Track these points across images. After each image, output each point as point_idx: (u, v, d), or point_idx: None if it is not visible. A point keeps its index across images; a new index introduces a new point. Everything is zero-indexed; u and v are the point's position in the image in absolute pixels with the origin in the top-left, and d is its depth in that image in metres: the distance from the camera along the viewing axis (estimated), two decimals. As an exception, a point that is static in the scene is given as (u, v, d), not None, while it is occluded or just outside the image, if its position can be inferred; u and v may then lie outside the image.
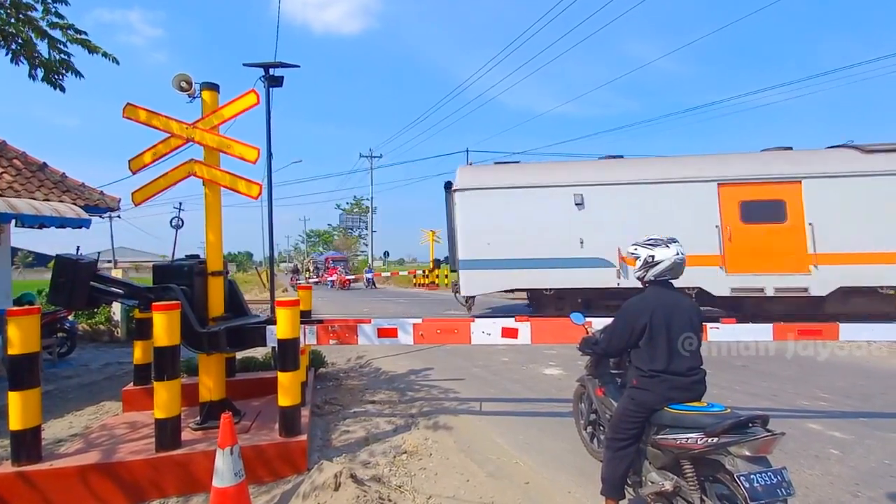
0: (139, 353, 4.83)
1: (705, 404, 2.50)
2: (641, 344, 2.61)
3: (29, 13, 5.29)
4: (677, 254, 2.65)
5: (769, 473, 2.06)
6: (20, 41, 5.41)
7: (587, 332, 3.44)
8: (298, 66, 5.99)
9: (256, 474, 3.39)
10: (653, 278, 2.71)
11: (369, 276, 27.36)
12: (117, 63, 5.91)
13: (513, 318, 4.11)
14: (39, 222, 6.10)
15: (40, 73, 5.56)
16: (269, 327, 3.95)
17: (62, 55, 5.49)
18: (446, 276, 26.82)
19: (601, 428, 3.46)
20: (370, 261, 33.96)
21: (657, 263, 2.67)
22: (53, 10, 5.53)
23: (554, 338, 4.18)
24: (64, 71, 5.53)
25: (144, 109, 3.83)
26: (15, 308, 3.27)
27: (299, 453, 3.54)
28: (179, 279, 3.89)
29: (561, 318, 4.04)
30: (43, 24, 5.39)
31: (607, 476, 2.68)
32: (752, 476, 2.04)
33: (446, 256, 13.34)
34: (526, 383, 6.03)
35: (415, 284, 27.68)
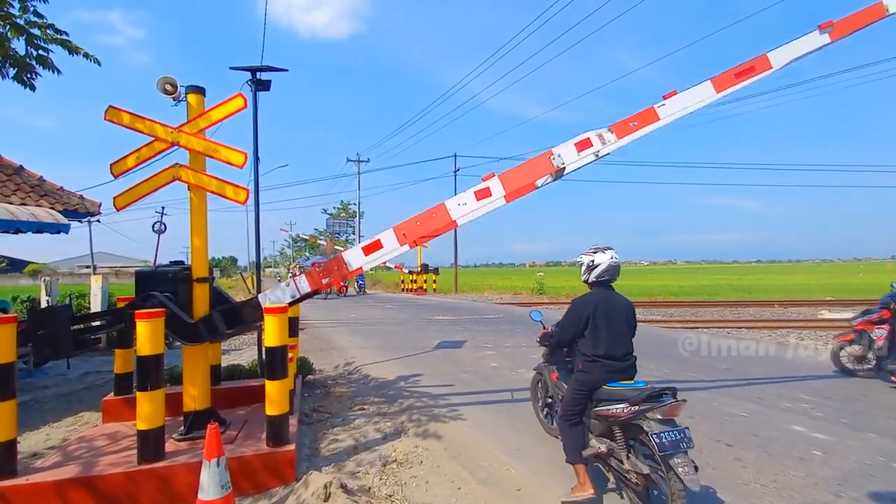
0: (120, 361, 4.69)
1: (632, 382, 3.09)
2: (587, 333, 3.17)
3: (6, 9, 5.15)
4: (612, 258, 3.24)
5: (675, 431, 2.65)
6: None
7: (544, 328, 4.06)
8: (286, 70, 5.94)
9: (242, 486, 3.30)
10: (595, 279, 3.28)
11: (361, 282, 26.53)
12: (98, 64, 5.77)
13: (479, 180, 4.02)
14: (16, 227, 5.90)
15: (11, 71, 5.40)
16: (261, 296, 3.92)
17: (41, 51, 5.34)
18: (434, 282, 26.78)
19: (556, 409, 3.88)
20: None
21: (597, 266, 3.24)
22: (32, 8, 5.39)
23: (525, 178, 4.02)
24: (42, 67, 5.38)
25: (128, 112, 3.74)
26: (-11, 317, 3.15)
27: (287, 463, 3.47)
28: (164, 286, 3.79)
29: (524, 163, 4.03)
30: (20, 22, 5.25)
31: (568, 447, 3.16)
32: (661, 433, 2.63)
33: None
34: (515, 389, 6.02)
35: (402, 290, 27.54)
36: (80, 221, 7.70)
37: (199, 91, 3.99)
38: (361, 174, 34.38)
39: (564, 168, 4.03)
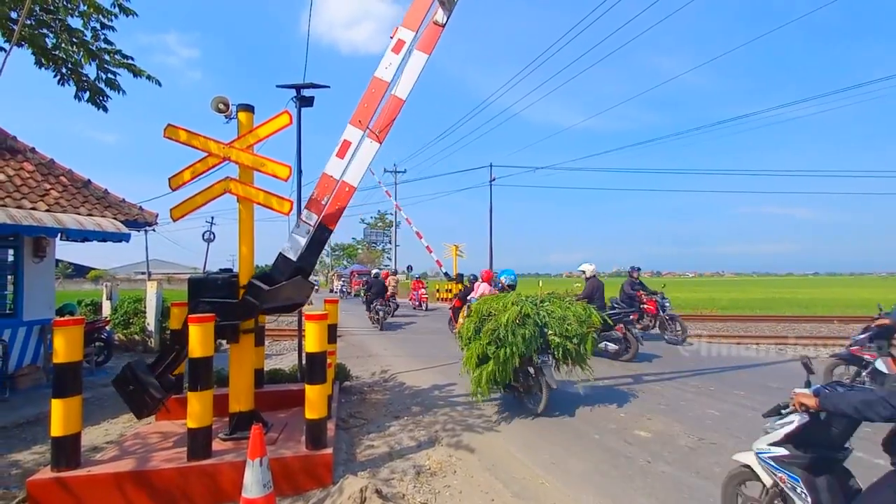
0: (172, 363, 4.97)
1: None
2: (371, 289, 15.04)
3: (80, 37, 5.66)
4: (375, 274, 17.40)
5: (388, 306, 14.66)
6: (70, 65, 5.79)
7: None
8: (328, 87, 6.20)
9: (282, 486, 3.42)
10: (373, 279, 16.16)
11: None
12: (160, 85, 6.23)
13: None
14: (83, 236, 6.40)
15: (86, 94, 5.92)
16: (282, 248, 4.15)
17: (109, 75, 5.83)
18: (469, 291, 26.56)
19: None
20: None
21: (372, 275, 17.65)
22: (102, 35, 5.90)
23: (421, 9, 4.27)
24: (110, 89, 5.88)
25: (185, 130, 4.01)
26: (61, 319, 3.43)
27: (325, 467, 3.57)
28: (214, 292, 4.01)
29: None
30: (92, 48, 5.75)
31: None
32: (380, 309, 14.06)
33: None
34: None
35: (437, 298, 27.62)
36: (138, 231, 8.25)
37: (249, 109, 4.24)
38: (398, 184, 34.95)
39: None
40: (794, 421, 2.36)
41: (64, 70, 5.79)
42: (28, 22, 5.11)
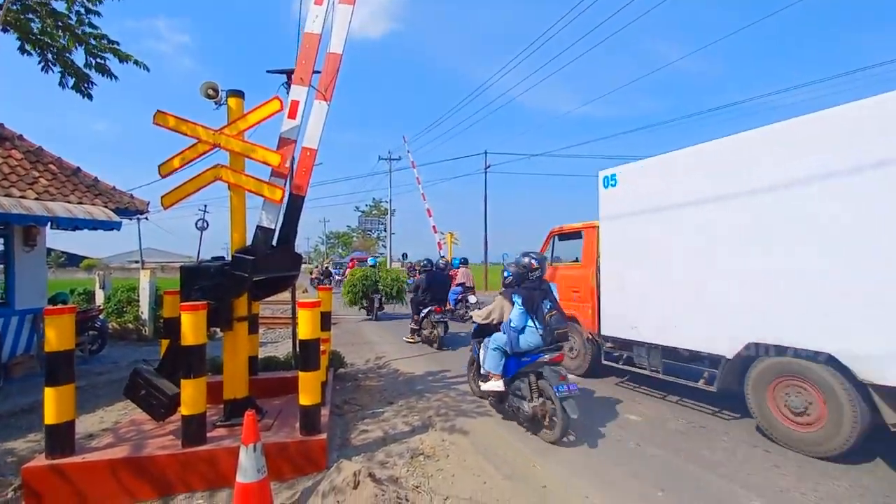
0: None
1: None
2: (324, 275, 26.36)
3: (66, 21, 5.54)
4: (328, 266, 28.98)
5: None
6: (55, 50, 5.66)
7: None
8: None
9: (278, 471, 3.46)
10: (320, 273, 27.84)
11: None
12: (147, 70, 6.12)
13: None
14: (74, 224, 6.34)
15: (70, 80, 5.80)
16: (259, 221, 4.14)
17: (98, 60, 5.71)
18: (464, 279, 26.68)
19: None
20: (388, 262, 34.15)
21: (331, 272, 27.67)
22: (87, 20, 5.77)
23: None
24: (101, 74, 5.76)
25: (173, 116, 3.95)
26: (52, 307, 3.41)
27: (319, 451, 3.61)
28: (206, 279, 3.99)
29: None
30: (77, 32, 5.63)
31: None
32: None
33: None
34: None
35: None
36: (129, 219, 8.17)
37: (239, 95, 4.18)
38: (393, 172, 34.74)
39: None
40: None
41: (49, 55, 5.68)
42: (13, 7, 4.99)
